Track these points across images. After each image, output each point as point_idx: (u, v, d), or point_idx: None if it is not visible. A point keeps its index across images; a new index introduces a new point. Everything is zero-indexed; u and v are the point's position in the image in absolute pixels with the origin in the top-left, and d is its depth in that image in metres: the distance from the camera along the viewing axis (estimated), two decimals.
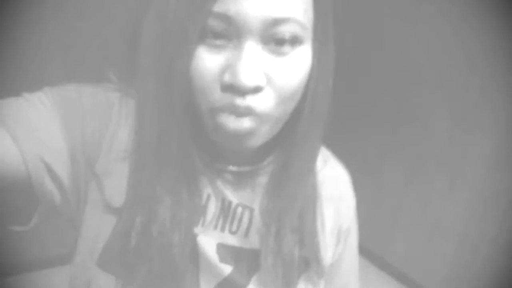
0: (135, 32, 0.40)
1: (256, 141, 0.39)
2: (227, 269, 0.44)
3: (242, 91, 0.35)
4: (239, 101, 0.36)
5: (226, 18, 0.35)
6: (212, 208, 0.45)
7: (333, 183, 0.53)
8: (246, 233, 0.46)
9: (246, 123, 0.37)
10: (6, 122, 0.38)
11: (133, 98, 0.44)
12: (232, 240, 0.45)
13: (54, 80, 0.44)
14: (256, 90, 0.36)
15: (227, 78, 0.36)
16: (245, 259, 0.45)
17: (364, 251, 2.27)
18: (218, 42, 0.36)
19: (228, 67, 0.36)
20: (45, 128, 0.39)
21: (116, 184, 0.42)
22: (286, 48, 0.37)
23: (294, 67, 0.38)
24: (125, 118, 0.43)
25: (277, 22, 0.35)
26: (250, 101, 0.36)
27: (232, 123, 0.37)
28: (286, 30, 0.36)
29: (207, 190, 0.45)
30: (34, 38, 1.50)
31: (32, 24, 1.48)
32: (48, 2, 1.49)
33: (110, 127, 0.43)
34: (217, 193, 0.45)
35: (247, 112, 0.37)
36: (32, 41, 1.50)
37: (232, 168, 0.46)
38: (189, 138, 0.41)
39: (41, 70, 1.45)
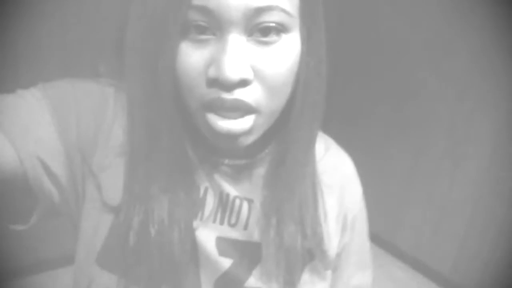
0: (123, 29, 0.39)
1: (249, 139, 0.39)
2: (227, 262, 0.44)
3: (227, 85, 0.34)
4: (226, 95, 0.35)
5: (206, 11, 0.34)
6: (210, 201, 0.44)
7: (335, 172, 0.52)
8: (246, 226, 0.45)
9: (237, 124, 0.36)
10: (0, 120, 0.38)
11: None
12: (231, 233, 0.45)
13: (52, 78, 0.44)
14: (242, 83, 0.35)
15: (211, 72, 0.35)
16: (246, 252, 0.45)
17: (373, 236, 2.26)
18: (202, 37, 0.35)
19: (213, 61, 0.35)
20: (39, 125, 0.39)
21: (113, 182, 0.41)
22: (272, 37, 0.35)
23: (282, 56, 0.36)
24: (121, 113, 0.43)
25: (259, 11, 0.34)
26: (237, 94, 0.35)
27: (223, 123, 0.36)
28: (270, 19, 0.34)
29: (204, 184, 0.44)
30: (32, 36, 1.50)
31: (30, 22, 1.48)
32: (46, 0, 1.48)
33: (105, 122, 0.42)
34: (215, 186, 0.45)
35: (235, 106, 0.35)
36: (30, 39, 1.50)
37: (228, 161, 0.45)
38: (180, 134, 0.40)
39: (39, 69, 1.45)
